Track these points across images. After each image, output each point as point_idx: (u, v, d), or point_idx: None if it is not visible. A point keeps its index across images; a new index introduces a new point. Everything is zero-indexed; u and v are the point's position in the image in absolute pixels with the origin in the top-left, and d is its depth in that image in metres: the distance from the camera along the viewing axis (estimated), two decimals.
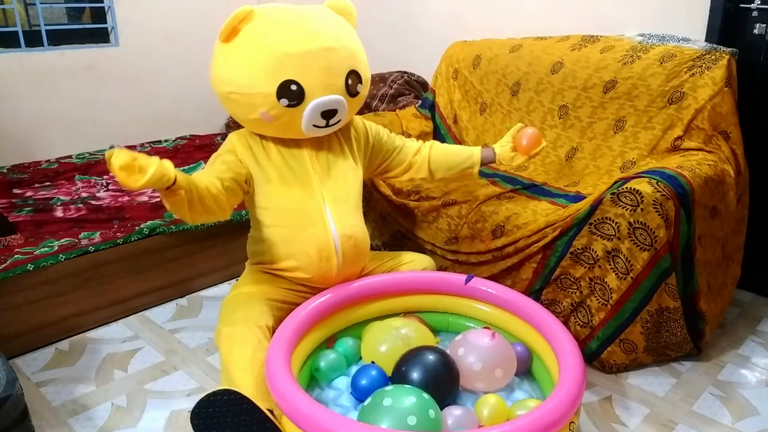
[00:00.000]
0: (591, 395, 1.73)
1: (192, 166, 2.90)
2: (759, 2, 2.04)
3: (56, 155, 2.93)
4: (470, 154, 1.87)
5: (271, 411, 1.35)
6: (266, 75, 1.51)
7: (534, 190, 2.14)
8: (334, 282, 1.67)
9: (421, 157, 1.85)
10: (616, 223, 1.67)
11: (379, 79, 2.87)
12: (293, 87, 1.51)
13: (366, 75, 1.67)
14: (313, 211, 1.62)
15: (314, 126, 1.58)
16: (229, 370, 1.46)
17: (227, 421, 1.30)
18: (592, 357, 1.82)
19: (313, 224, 1.61)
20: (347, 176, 1.69)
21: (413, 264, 1.81)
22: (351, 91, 1.60)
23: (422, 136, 2.62)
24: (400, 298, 1.75)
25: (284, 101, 1.52)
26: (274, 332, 1.51)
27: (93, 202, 2.43)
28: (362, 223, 1.72)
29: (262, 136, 1.64)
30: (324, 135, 1.66)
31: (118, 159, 1.30)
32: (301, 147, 1.65)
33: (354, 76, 1.60)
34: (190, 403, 1.33)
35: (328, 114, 1.57)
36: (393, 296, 1.74)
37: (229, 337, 1.49)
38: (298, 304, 1.60)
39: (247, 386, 1.40)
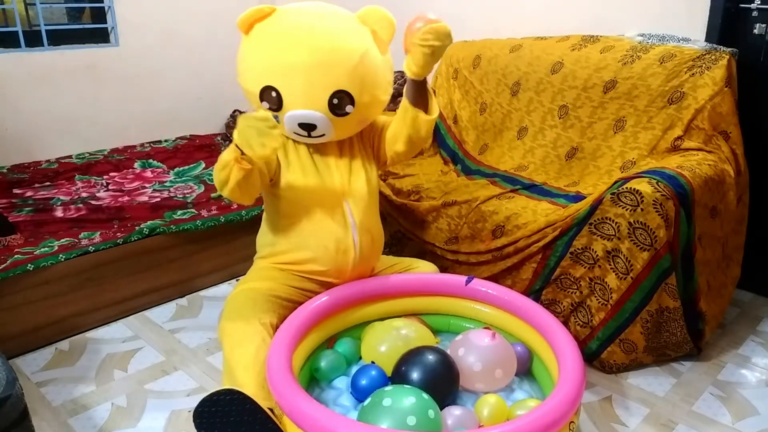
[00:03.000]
0: (591, 395, 1.73)
1: (192, 166, 2.91)
2: (759, 2, 2.04)
3: (56, 155, 2.93)
4: (403, 106, 1.63)
5: (272, 410, 1.35)
6: (255, 75, 1.57)
7: (534, 190, 2.14)
8: (348, 277, 1.68)
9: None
10: (616, 223, 1.67)
11: None
12: (273, 94, 1.54)
13: (366, 97, 1.57)
14: (332, 204, 1.63)
15: (295, 134, 1.60)
16: (231, 368, 1.46)
17: (229, 420, 1.30)
18: (592, 357, 1.82)
19: (332, 217, 1.63)
20: (368, 175, 1.70)
21: (418, 271, 1.81)
22: (336, 111, 1.55)
23: None
24: (400, 299, 1.75)
25: (265, 104, 1.57)
26: (276, 330, 1.52)
27: (93, 202, 2.43)
28: (379, 221, 1.75)
29: None
30: (346, 137, 1.67)
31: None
32: (328, 143, 1.66)
33: (342, 95, 1.54)
34: (191, 403, 1.33)
35: (307, 126, 1.57)
36: (393, 298, 1.74)
37: (232, 334, 1.49)
38: (302, 302, 1.60)
39: (249, 384, 1.40)
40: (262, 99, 1.57)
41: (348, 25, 1.59)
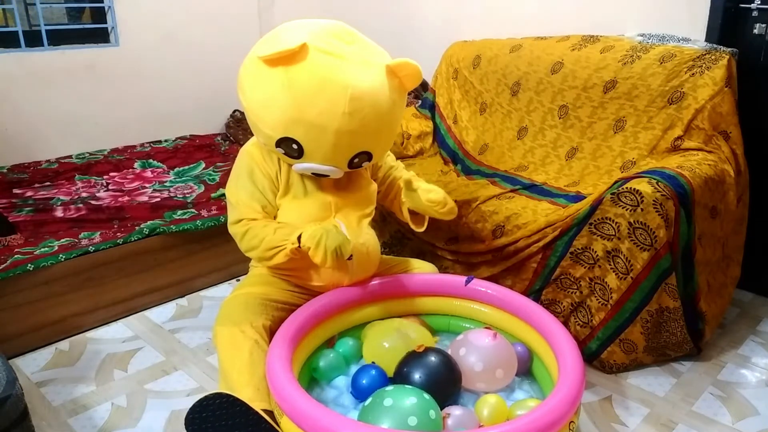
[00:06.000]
0: (591, 395, 1.73)
1: (192, 166, 2.91)
2: (759, 2, 2.04)
3: (56, 155, 2.93)
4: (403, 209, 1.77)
5: (270, 412, 1.35)
6: (276, 121, 1.47)
7: (534, 190, 2.14)
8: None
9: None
10: (616, 223, 1.67)
11: None
12: (294, 146, 1.49)
13: (382, 152, 1.64)
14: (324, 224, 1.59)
15: (303, 174, 1.59)
16: (226, 372, 1.46)
17: (221, 424, 1.30)
18: (592, 357, 1.82)
19: None
20: (362, 190, 1.69)
21: (418, 271, 1.81)
22: (353, 166, 1.56)
23: (422, 136, 2.62)
24: (400, 300, 1.75)
25: (280, 150, 1.52)
26: (271, 332, 1.52)
27: (93, 202, 2.43)
28: (373, 231, 1.71)
29: None
30: None
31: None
32: None
33: (363, 155, 1.55)
34: (190, 403, 1.33)
35: (319, 175, 1.57)
36: (393, 298, 1.74)
37: (226, 338, 1.49)
38: (298, 305, 1.60)
39: (244, 387, 1.40)
40: (278, 145, 1.50)
41: (381, 79, 1.50)
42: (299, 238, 1.50)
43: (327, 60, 1.44)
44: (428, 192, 1.64)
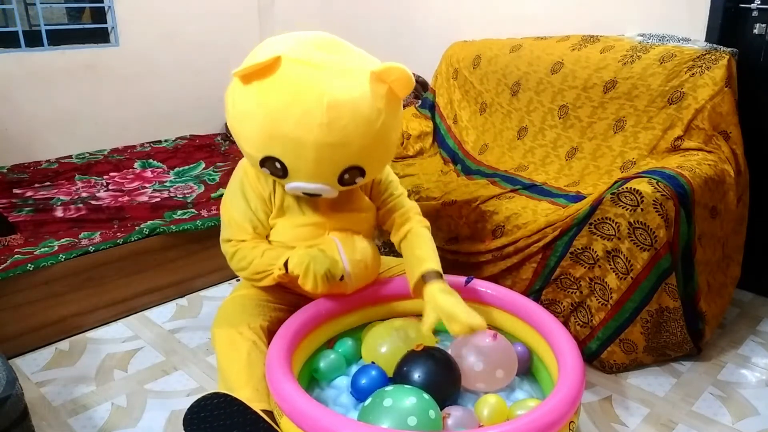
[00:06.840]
0: (591, 395, 1.73)
1: (192, 166, 2.91)
2: (759, 2, 2.04)
3: (56, 155, 2.94)
4: (412, 275, 1.60)
5: (269, 412, 1.35)
6: (256, 140, 1.41)
7: (534, 190, 2.14)
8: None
9: (397, 237, 1.71)
10: (616, 223, 1.67)
11: None
12: (277, 165, 1.42)
13: (376, 167, 1.53)
14: (321, 242, 1.56)
15: (294, 194, 1.54)
16: (225, 373, 1.46)
17: (220, 423, 1.30)
18: (592, 357, 1.82)
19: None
20: (360, 212, 1.65)
21: None
22: (345, 183, 1.47)
23: (422, 136, 2.62)
24: (400, 301, 1.74)
25: (266, 170, 1.46)
26: (269, 333, 1.52)
27: (93, 202, 2.43)
28: (371, 243, 1.66)
29: None
30: None
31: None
32: None
33: (354, 171, 1.45)
34: (190, 404, 1.33)
35: (311, 194, 1.50)
36: (393, 299, 1.74)
37: (224, 340, 1.49)
38: (298, 306, 1.60)
39: (243, 388, 1.39)
40: (263, 165, 1.44)
41: (363, 87, 1.39)
42: (287, 263, 1.48)
43: (301, 70, 1.36)
44: (451, 322, 1.46)
